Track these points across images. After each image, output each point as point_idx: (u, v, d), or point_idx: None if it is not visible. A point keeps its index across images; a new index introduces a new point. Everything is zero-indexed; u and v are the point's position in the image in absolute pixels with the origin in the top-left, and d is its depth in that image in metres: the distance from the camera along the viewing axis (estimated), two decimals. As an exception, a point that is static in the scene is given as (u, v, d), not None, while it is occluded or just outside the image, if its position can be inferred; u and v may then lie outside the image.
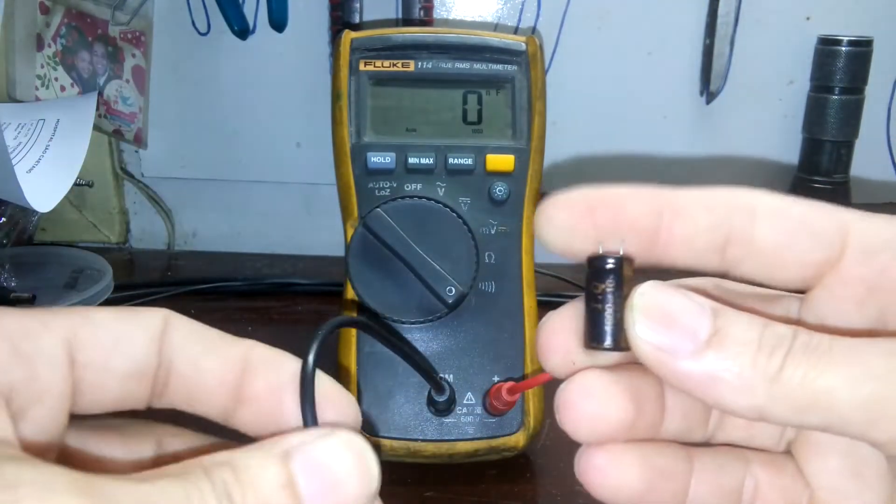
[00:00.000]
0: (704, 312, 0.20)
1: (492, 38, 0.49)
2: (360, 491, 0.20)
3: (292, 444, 0.20)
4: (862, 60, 0.65)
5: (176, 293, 0.67)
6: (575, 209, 0.22)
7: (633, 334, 0.21)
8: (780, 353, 0.20)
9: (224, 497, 0.18)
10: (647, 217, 0.22)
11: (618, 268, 0.22)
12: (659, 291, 0.21)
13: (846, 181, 0.68)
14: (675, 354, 0.20)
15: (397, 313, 0.46)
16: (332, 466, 0.20)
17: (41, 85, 0.77)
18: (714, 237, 0.22)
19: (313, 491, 0.19)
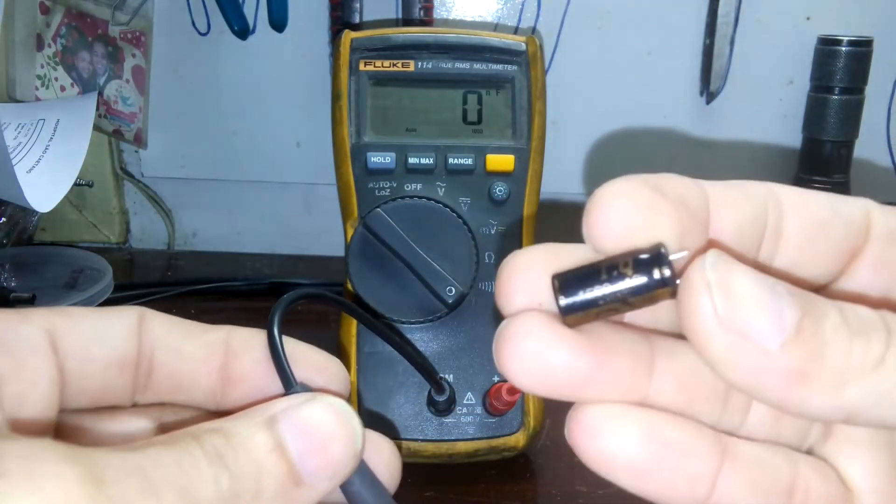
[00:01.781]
0: (783, 293, 0.17)
1: (492, 38, 0.49)
2: (347, 449, 0.20)
3: (278, 410, 0.20)
4: (862, 60, 0.65)
5: (176, 293, 0.67)
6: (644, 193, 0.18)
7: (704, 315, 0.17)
8: (879, 338, 0.17)
9: (216, 460, 0.18)
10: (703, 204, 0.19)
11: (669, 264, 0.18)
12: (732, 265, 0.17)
13: (846, 181, 0.68)
14: (758, 345, 0.16)
15: (397, 313, 0.46)
16: (317, 427, 0.20)
17: (41, 85, 0.77)
18: (757, 229, 0.20)
19: (302, 451, 0.20)
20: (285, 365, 0.22)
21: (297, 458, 0.20)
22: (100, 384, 0.23)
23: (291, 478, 0.19)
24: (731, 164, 0.72)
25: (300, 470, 0.20)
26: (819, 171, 0.68)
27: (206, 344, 0.24)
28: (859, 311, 0.17)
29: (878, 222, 0.20)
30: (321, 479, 0.20)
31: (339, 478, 0.21)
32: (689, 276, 0.17)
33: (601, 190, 0.19)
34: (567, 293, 0.18)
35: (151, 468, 0.17)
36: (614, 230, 0.18)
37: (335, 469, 0.20)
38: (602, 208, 0.18)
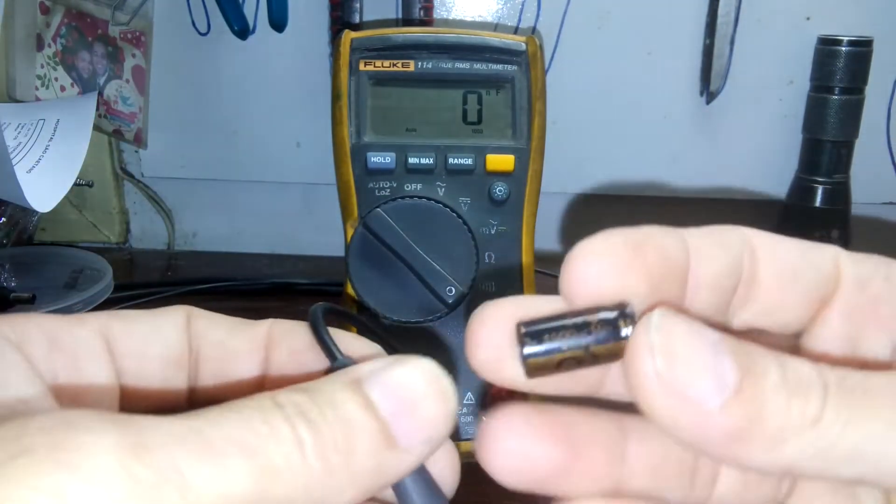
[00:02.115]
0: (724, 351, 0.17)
1: (492, 38, 0.49)
2: (440, 409, 0.19)
3: (362, 373, 0.19)
4: (862, 60, 0.65)
5: (176, 293, 0.67)
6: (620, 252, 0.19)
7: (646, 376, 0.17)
8: (816, 395, 0.17)
9: (297, 417, 0.16)
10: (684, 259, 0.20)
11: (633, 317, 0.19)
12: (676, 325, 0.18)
13: (846, 181, 0.68)
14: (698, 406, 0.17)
15: (397, 313, 0.46)
16: (407, 388, 0.18)
17: (41, 85, 0.77)
18: (733, 277, 0.20)
19: (393, 411, 0.18)
20: (327, 338, 0.22)
21: (389, 418, 0.18)
22: (158, 384, 0.22)
23: (385, 439, 0.18)
24: (731, 164, 0.72)
25: (394, 430, 0.18)
26: (819, 171, 0.68)
27: (249, 338, 0.23)
28: (799, 367, 0.18)
29: (846, 271, 0.21)
30: (416, 442, 0.18)
31: (435, 443, 0.19)
32: (634, 337, 0.18)
33: (579, 247, 0.19)
34: (530, 341, 0.19)
35: (209, 429, 0.15)
36: (588, 288, 0.19)
37: (430, 432, 0.18)
38: (578, 266, 0.19)
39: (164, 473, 0.14)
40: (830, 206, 0.68)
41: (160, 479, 0.14)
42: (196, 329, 0.23)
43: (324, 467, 0.16)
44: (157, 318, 0.23)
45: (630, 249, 0.19)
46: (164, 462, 0.14)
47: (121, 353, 0.21)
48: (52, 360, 0.20)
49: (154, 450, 0.14)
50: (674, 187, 0.74)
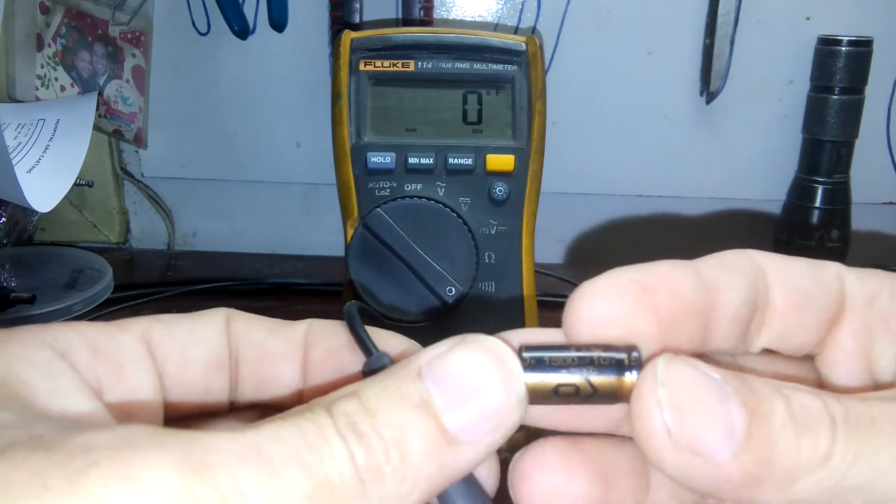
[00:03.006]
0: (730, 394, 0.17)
1: (492, 38, 0.49)
2: (506, 395, 0.18)
3: (423, 362, 0.18)
4: (862, 60, 0.65)
5: (176, 293, 0.67)
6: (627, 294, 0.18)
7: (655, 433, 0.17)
8: (825, 431, 0.17)
9: (348, 429, 0.16)
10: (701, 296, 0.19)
11: None
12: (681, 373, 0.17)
13: (846, 181, 0.68)
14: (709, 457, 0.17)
15: (397, 313, 0.46)
16: (467, 374, 0.17)
17: (41, 85, 0.77)
18: (749, 308, 0.20)
19: (451, 404, 0.17)
20: (363, 334, 0.21)
21: (446, 412, 0.17)
22: (200, 388, 0.22)
23: (443, 436, 0.17)
24: (731, 164, 0.72)
25: (452, 427, 0.17)
26: (819, 171, 0.68)
27: (288, 339, 0.23)
28: (806, 400, 0.17)
29: (852, 288, 0.21)
30: (480, 433, 0.17)
31: (504, 430, 0.18)
32: (639, 391, 0.17)
33: (583, 287, 0.19)
34: (530, 364, 0.18)
35: (268, 445, 0.15)
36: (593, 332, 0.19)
37: (495, 421, 0.17)
38: (582, 308, 0.19)
39: (225, 492, 0.15)
40: (830, 206, 0.68)
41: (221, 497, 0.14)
42: (235, 331, 0.23)
43: (377, 478, 0.16)
44: (197, 321, 0.22)
45: (638, 291, 0.19)
46: (225, 481, 0.15)
47: (162, 358, 0.21)
48: (94, 367, 0.20)
49: (215, 469, 0.15)
50: (674, 187, 0.74)
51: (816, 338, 0.21)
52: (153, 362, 0.21)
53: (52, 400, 0.18)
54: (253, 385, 0.23)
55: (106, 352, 0.20)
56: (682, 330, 0.19)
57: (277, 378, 0.23)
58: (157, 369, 0.21)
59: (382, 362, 0.21)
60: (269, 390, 0.23)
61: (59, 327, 0.20)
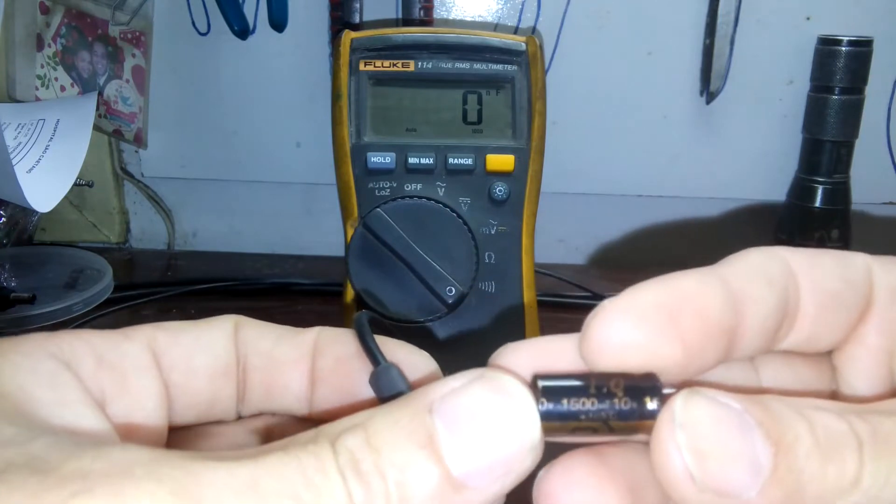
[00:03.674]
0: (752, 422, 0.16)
1: (492, 38, 0.49)
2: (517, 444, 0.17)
3: (437, 396, 0.17)
4: (862, 60, 0.65)
5: (176, 293, 0.67)
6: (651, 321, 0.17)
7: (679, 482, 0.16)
8: (852, 455, 0.16)
9: (350, 467, 0.16)
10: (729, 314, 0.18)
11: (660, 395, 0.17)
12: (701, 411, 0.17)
13: (846, 181, 0.68)
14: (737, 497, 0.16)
15: (397, 313, 0.46)
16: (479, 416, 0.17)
17: (41, 85, 0.77)
18: (779, 316, 0.19)
19: (459, 447, 0.16)
20: (371, 343, 0.21)
21: (454, 456, 0.16)
22: (206, 396, 0.22)
23: (448, 482, 0.16)
24: (731, 164, 0.72)
25: (458, 472, 0.16)
26: (819, 171, 0.68)
27: (296, 347, 0.23)
28: (830, 423, 0.17)
29: (879, 281, 0.20)
30: (489, 480, 0.16)
31: (513, 478, 0.17)
32: (658, 433, 0.17)
33: (603, 308, 0.18)
34: (547, 400, 0.17)
35: (266, 480, 0.15)
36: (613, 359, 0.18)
37: (506, 468, 0.17)
38: (601, 332, 0.18)
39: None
40: (830, 206, 0.68)
41: None
42: (244, 338, 0.22)
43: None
44: (204, 329, 0.22)
45: (663, 316, 0.17)
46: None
47: (168, 367, 0.21)
48: (99, 377, 0.20)
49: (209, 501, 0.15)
50: (674, 187, 0.74)
51: (841, 337, 0.20)
52: (158, 371, 0.21)
53: (56, 412, 0.18)
54: (261, 393, 0.23)
55: (110, 361, 0.20)
56: (707, 352, 0.18)
57: (286, 387, 0.22)
58: (163, 378, 0.21)
59: (389, 374, 0.21)
60: (277, 399, 0.23)
61: (64, 336, 0.20)
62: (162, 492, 0.14)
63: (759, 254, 0.19)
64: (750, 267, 0.19)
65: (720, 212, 0.75)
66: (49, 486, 0.14)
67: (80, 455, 0.15)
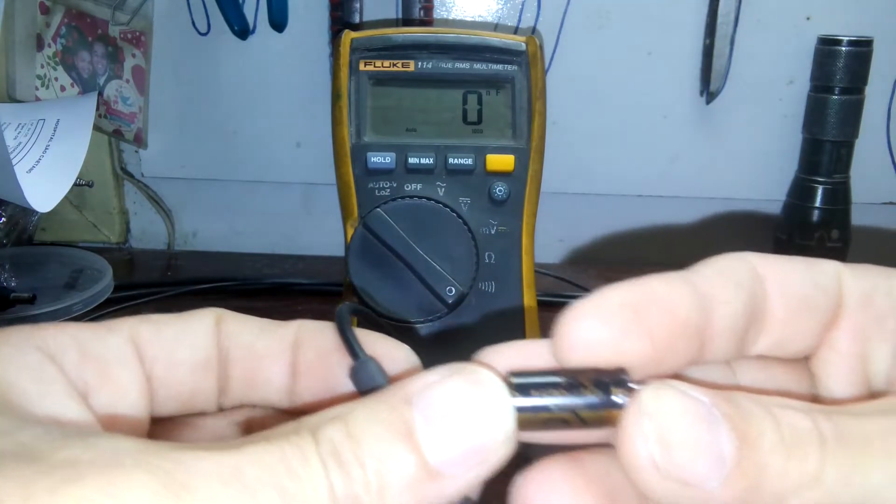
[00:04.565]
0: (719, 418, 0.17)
1: (492, 38, 0.49)
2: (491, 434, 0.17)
3: (414, 389, 0.18)
4: (862, 60, 0.65)
5: (176, 293, 0.67)
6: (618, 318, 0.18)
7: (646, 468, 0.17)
8: (814, 452, 0.17)
9: (331, 457, 0.16)
10: (697, 314, 0.19)
11: None
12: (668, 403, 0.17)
13: (846, 181, 0.68)
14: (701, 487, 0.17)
15: (397, 313, 0.46)
16: (456, 408, 0.17)
17: (41, 85, 0.77)
18: (748, 318, 0.20)
19: (436, 437, 0.17)
20: (351, 337, 0.21)
21: (431, 446, 0.17)
22: (188, 388, 0.22)
23: (425, 471, 0.17)
24: (731, 164, 0.72)
25: (434, 461, 0.17)
26: (819, 171, 0.68)
27: (278, 340, 0.23)
28: (796, 421, 0.17)
29: (849, 288, 0.20)
30: (464, 469, 0.17)
31: (488, 466, 0.18)
32: (625, 423, 0.17)
33: (573, 309, 0.18)
34: (521, 392, 0.18)
35: (249, 468, 0.16)
36: (582, 356, 0.18)
37: (481, 457, 0.17)
38: (571, 331, 0.18)
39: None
40: (830, 206, 0.68)
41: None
42: (225, 331, 0.23)
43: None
44: (186, 321, 0.22)
45: (630, 314, 0.18)
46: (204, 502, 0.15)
47: (150, 359, 0.21)
48: (82, 370, 0.20)
49: (195, 491, 0.15)
50: (674, 187, 0.74)
51: (814, 342, 0.21)
52: (141, 363, 0.21)
53: (40, 403, 0.18)
54: (242, 386, 0.23)
55: (94, 353, 0.20)
56: (677, 349, 0.19)
57: (267, 379, 0.23)
58: (145, 370, 0.21)
59: (368, 367, 0.21)
60: (258, 391, 0.23)
61: (49, 328, 0.20)
62: (150, 479, 0.15)
63: (727, 259, 0.20)
64: (718, 271, 0.20)
65: (720, 212, 0.75)
66: (39, 475, 0.15)
67: (69, 445, 0.15)
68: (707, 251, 0.21)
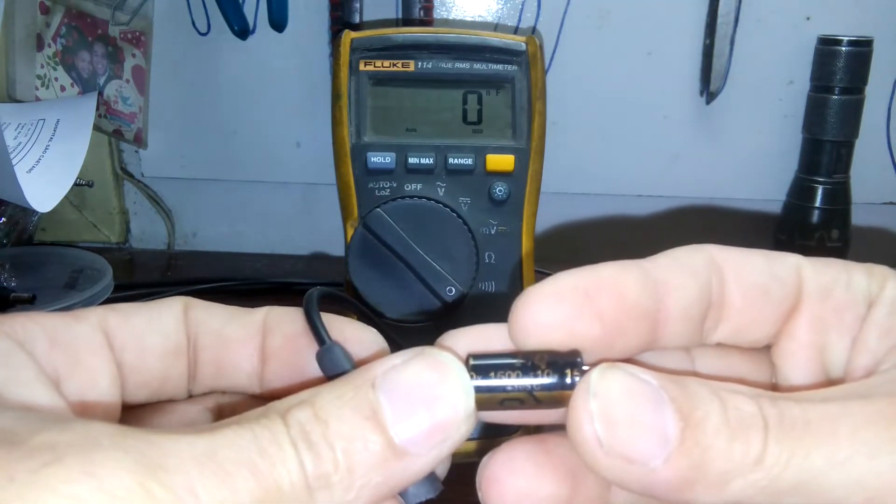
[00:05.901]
0: (665, 401, 0.18)
1: (492, 38, 0.49)
2: (452, 412, 0.18)
3: (379, 372, 0.18)
4: (862, 60, 0.65)
5: (176, 293, 0.67)
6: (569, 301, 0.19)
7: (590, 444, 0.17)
8: (756, 436, 0.17)
9: (301, 437, 0.17)
10: (648, 297, 0.20)
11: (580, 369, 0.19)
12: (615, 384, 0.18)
13: (846, 181, 0.68)
14: (644, 464, 0.17)
15: (397, 313, 0.46)
16: (418, 388, 0.18)
17: (41, 85, 0.77)
18: (702, 306, 0.20)
19: (400, 417, 0.18)
20: (317, 322, 0.22)
21: (395, 426, 0.18)
22: (158, 375, 0.22)
23: (390, 449, 0.18)
24: (731, 164, 0.72)
25: (399, 439, 0.18)
26: (819, 171, 0.68)
27: (245, 326, 0.23)
28: (741, 405, 0.18)
29: (808, 280, 0.21)
30: (428, 446, 0.18)
31: (451, 443, 0.18)
32: (573, 403, 0.18)
33: (526, 294, 0.20)
34: (476, 375, 0.19)
35: (223, 450, 0.16)
36: (536, 338, 0.19)
37: (443, 434, 0.18)
38: (525, 315, 0.19)
39: (179, 493, 0.15)
40: (830, 206, 0.68)
41: (175, 498, 0.15)
42: (194, 318, 0.23)
43: (324, 486, 0.17)
44: (154, 309, 0.23)
45: (580, 296, 0.19)
46: (180, 483, 0.15)
47: (120, 346, 0.22)
48: (52, 357, 0.20)
49: (171, 471, 0.15)
50: (674, 187, 0.74)
51: (772, 331, 0.22)
52: (111, 351, 0.21)
53: (13, 390, 0.18)
54: (212, 372, 0.23)
55: (63, 342, 0.21)
56: (628, 332, 0.20)
57: (236, 365, 0.23)
58: (115, 358, 0.22)
59: (333, 352, 0.21)
60: (228, 377, 0.23)
61: (19, 318, 0.20)
62: (128, 460, 0.15)
63: (685, 249, 0.21)
64: (673, 259, 0.21)
65: (720, 212, 0.75)
66: (19, 457, 0.15)
67: (47, 428, 0.16)
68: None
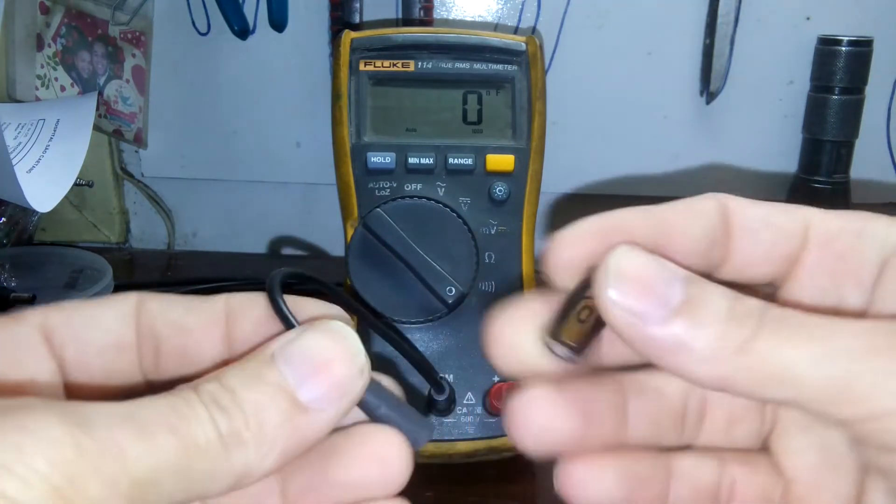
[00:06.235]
0: (677, 279, 0.20)
1: (492, 38, 0.49)
2: (348, 367, 0.21)
3: (275, 348, 0.21)
4: (862, 60, 0.65)
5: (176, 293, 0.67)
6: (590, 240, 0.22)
7: (604, 297, 0.20)
8: (751, 323, 0.20)
9: (212, 402, 0.19)
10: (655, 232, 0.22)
11: None
12: (634, 256, 0.21)
13: (846, 181, 0.68)
14: (644, 320, 0.20)
15: (397, 313, 0.46)
16: (314, 353, 0.21)
17: (41, 85, 0.77)
18: (705, 244, 0.23)
19: (301, 379, 0.20)
20: (282, 305, 0.22)
21: (297, 386, 0.20)
22: (100, 369, 0.23)
23: (295, 406, 0.20)
24: (731, 164, 0.72)
25: (302, 397, 0.20)
26: (819, 171, 0.68)
27: (206, 313, 0.24)
28: (749, 301, 0.20)
29: (816, 227, 0.23)
30: (328, 402, 0.20)
31: (350, 397, 0.21)
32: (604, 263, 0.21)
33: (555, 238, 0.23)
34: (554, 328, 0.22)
35: (142, 412, 0.18)
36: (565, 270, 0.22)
37: (341, 390, 0.21)
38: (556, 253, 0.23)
39: (105, 444, 0.17)
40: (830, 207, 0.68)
41: (102, 448, 0.17)
42: (150, 312, 0.24)
43: (238, 442, 0.19)
44: (98, 307, 0.24)
45: (598, 236, 0.22)
46: (105, 436, 0.17)
47: (60, 344, 0.22)
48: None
49: (97, 427, 0.17)
50: (674, 187, 0.74)
51: (775, 270, 0.23)
52: (50, 349, 0.22)
53: None
54: (175, 361, 0.24)
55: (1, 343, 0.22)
56: None
57: (198, 352, 0.24)
58: (56, 354, 0.22)
59: None
60: (191, 364, 0.24)
61: None
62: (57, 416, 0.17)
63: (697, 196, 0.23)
64: (685, 203, 0.23)
65: (720, 212, 0.75)
66: None
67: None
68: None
